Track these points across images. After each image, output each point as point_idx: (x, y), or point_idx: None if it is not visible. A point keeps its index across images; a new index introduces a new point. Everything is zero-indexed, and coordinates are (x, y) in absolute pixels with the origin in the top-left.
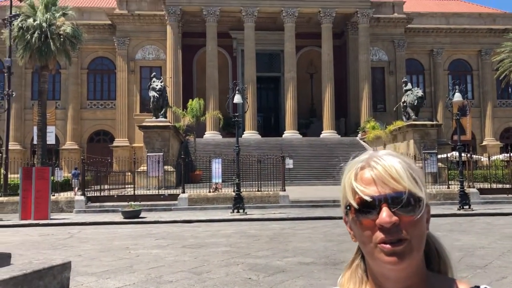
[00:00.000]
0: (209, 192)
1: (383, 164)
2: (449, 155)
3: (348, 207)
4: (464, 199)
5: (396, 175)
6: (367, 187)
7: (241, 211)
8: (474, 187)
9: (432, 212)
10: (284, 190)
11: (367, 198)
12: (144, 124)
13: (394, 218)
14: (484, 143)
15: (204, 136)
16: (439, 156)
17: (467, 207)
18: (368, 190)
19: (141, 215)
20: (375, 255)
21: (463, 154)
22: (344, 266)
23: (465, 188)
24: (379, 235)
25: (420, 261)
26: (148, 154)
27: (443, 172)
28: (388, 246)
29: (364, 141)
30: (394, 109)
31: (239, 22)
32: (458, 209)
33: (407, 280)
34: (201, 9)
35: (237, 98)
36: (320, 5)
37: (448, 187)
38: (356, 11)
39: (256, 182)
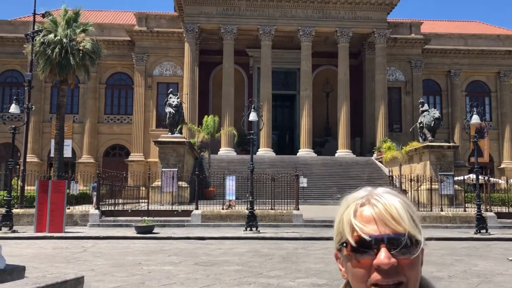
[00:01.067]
0: (223, 209)
1: (384, 202)
2: (466, 177)
3: (344, 244)
4: (481, 223)
5: (397, 216)
6: (367, 225)
7: (254, 229)
8: (491, 210)
9: (449, 235)
10: (298, 209)
11: (366, 237)
12: (159, 139)
13: (393, 260)
14: (502, 166)
15: (219, 152)
16: (455, 178)
17: (484, 231)
18: (367, 228)
19: (154, 231)
20: None
21: (480, 177)
22: None
23: (482, 211)
24: (375, 276)
25: None
26: (163, 169)
27: (460, 195)
28: None
29: (379, 161)
30: (410, 129)
31: (256, 40)
32: (475, 233)
33: None
34: (219, 27)
35: (253, 116)
36: (337, 25)
37: (465, 210)
38: (373, 31)
39: (270, 200)
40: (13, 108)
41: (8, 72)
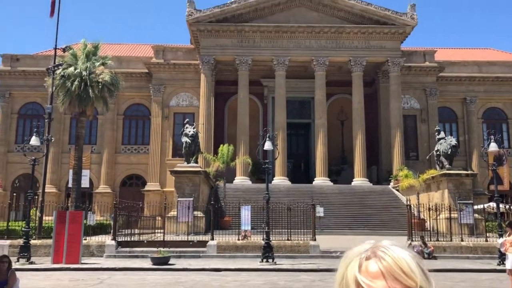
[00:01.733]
0: (238, 239)
1: (392, 255)
2: (486, 205)
3: None
4: (503, 253)
5: (407, 269)
6: (375, 281)
7: (270, 260)
8: None
9: (471, 266)
10: (315, 240)
11: None
12: (175, 169)
13: None
14: None
15: (234, 181)
16: (475, 207)
17: None
18: (375, 284)
19: (170, 262)
20: None
21: (501, 205)
22: None
23: None
24: None
25: None
26: (179, 199)
27: (480, 224)
28: None
29: (396, 190)
30: (427, 157)
31: (270, 71)
32: (498, 264)
33: None
34: (234, 59)
35: (268, 145)
36: (351, 54)
37: (486, 240)
38: (387, 60)
39: (286, 230)
40: (34, 141)
41: (29, 104)
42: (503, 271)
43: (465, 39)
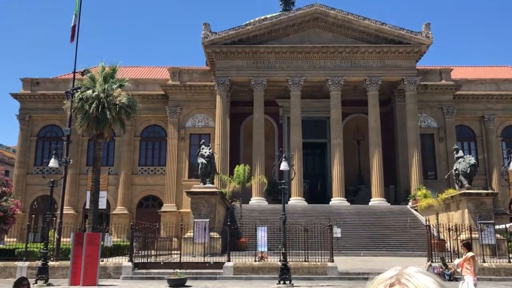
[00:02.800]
0: (255, 261)
1: (415, 283)
2: (508, 225)
3: None
4: None
5: None
6: None
7: (287, 282)
8: None
9: None
10: (332, 261)
11: None
12: (191, 190)
13: None
14: None
15: (250, 202)
16: (496, 227)
17: None
18: None
19: (186, 284)
20: None
21: None
22: None
23: None
24: None
25: None
26: (195, 220)
27: (503, 244)
28: None
29: (415, 210)
30: (446, 176)
31: (285, 91)
32: None
33: None
34: (249, 79)
35: (284, 165)
36: (366, 74)
37: (509, 261)
38: (403, 79)
39: (303, 251)
40: (52, 163)
41: (48, 127)
42: None
43: (482, 57)
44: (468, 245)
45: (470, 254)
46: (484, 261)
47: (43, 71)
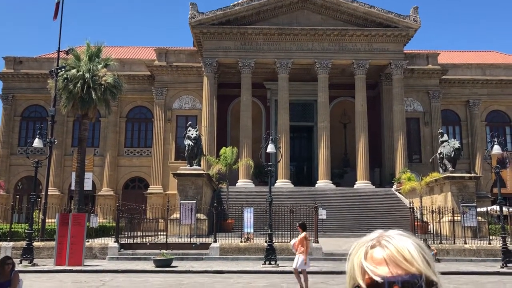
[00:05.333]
0: (241, 242)
1: (395, 244)
2: (489, 208)
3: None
4: (507, 256)
5: (409, 257)
6: (378, 267)
7: (273, 262)
8: None
9: (474, 269)
10: (317, 242)
11: (378, 279)
12: (178, 171)
13: None
14: None
15: (237, 184)
16: (478, 210)
17: (511, 264)
18: (379, 270)
19: (172, 264)
20: None
21: (504, 208)
22: None
23: (507, 244)
24: None
25: None
26: (181, 201)
27: (483, 227)
28: None
29: (399, 193)
30: (430, 160)
31: (273, 73)
32: (501, 267)
33: None
34: (236, 61)
35: (270, 148)
36: (354, 57)
37: (489, 243)
38: (390, 63)
39: (288, 232)
40: (37, 143)
41: (32, 107)
42: (507, 273)
43: (469, 42)
44: (303, 226)
45: (303, 234)
46: (465, 243)
47: (27, 49)
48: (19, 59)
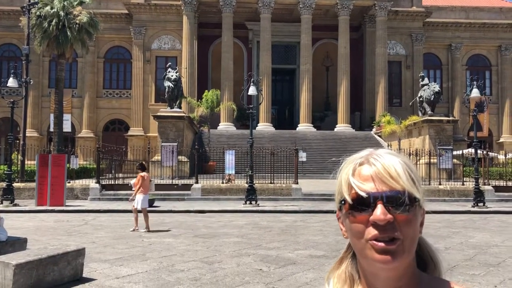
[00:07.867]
0: (222, 183)
1: (382, 162)
2: (465, 151)
3: (342, 202)
4: (478, 196)
5: (395, 174)
6: (364, 183)
7: (253, 202)
8: (489, 184)
9: (446, 208)
10: (297, 183)
11: (363, 194)
12: (159, 114)
13: (389, 216)
14: (501, 140)
15: (218, 127)
16: (454, 153)
17: (481, 204)
18: (364, 186)
19: (154, 204)
20: (366, 252)
21: (479, 151)
22: (333, 264)
23: (480, 185)
24: (371, 231)
25: (411, 263)
26: (163, 144)
27: (458, 169)
28: (380, 244)
29: (379, 136)
30: (410, 104)
31: (255, 13)
32: (473, 206)
33: (397, 281)
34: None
35: (252, 90)
36: None
37: (463, 184)
38: (374, 4)
39: (269, 174)
40: (11, 82)
41: (5, 45)
42: (477, 212)
43: None
44: (142, 166)
45: (141, 174)
46: (440, 184)
47: None
48: None
